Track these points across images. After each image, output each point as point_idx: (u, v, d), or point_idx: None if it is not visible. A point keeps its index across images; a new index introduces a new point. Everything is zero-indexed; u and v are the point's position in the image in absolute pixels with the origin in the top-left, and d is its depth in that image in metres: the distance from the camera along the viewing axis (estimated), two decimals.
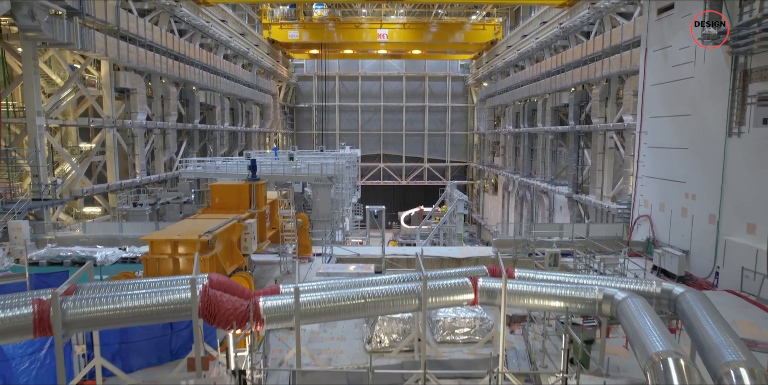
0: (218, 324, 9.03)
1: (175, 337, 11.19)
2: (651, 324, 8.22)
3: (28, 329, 8.07)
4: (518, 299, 10.23)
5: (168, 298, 8.64)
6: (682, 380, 6.72)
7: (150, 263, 12.15)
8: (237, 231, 14.37)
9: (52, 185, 28.23)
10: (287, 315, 9.23)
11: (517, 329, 13.69)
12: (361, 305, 9.56)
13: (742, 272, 16.36)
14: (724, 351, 7.31)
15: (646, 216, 22.76)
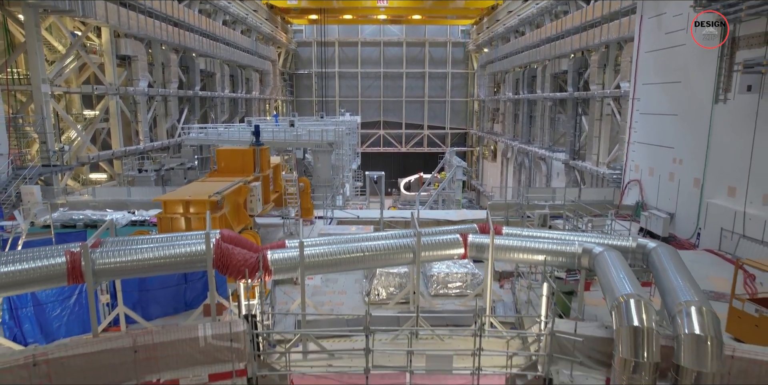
0: (230, 274, 9.96)
1: (189, 289, 12.18)
2: (621, 273, 9.11)
3: (62, 277, 8.99)
4: (505, 253, 11.12)
5: (185, 250, 9.53)
6: (640, 316, 7.66)
7: (164, 222, 13.04)
8: (243, 193, 15.21)
9: (59, 152, 28.97)
10: (293, 266, 10.15)
11: (506, 284, 14.69)
12: (359, 258, 10.47)
13: (721, 233, 17.27)
14: (680, 293, 8.23)
15: (637, 181, 23.55)
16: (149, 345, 8.48)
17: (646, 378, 7.50)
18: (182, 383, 8.52)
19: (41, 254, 9.13)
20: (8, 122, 26.76)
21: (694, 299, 7.94)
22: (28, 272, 8.75)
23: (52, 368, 7.88)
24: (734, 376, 7.96)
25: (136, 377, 8.38)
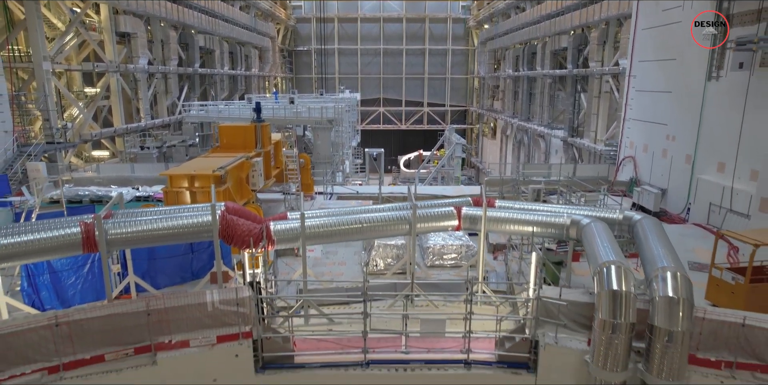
0: (235, 244, 10.49)
1: (196, 259, 12.75)
2: (605, 242, 9.64)
3: (77, 246, 9.53)
4: (497, 224, 11.66)
5: (192, 221, 10.05)
6: (619, 281, 8.20)
7: (170, 195, 13.54)
8: (245, 168, 15.68)
9: (62, 129, 29.33)
10: (294, 237, 10.68)
11: (499, 256, 15.27)
12: (358, 229, 10.99)
13: (709, 208, 17.79)
14: (658, 261, 8.77)
15: (631, 157, 23.96)
16: (161, 309, 9.05)
17: (622, 337, 8.09)
18: (192, 344, 9.12)
19: (57, 224, 9.65)
20: (11, 100, 27.04)
21: (670, 265, 8.47)
22: (45, 241, 9.29)
23: (72, 328, 8.47)
24: (705, 336, 8.55)
25: (149, 338, 8.98)
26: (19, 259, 9.39)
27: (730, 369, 8.44)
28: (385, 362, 9.62)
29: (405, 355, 9.74)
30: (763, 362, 8.27)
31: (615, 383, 8.32)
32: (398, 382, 9.54)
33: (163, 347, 8.98)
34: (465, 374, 9.51)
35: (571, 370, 9.08)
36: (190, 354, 9.01)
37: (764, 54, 15.80)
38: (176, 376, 8.91)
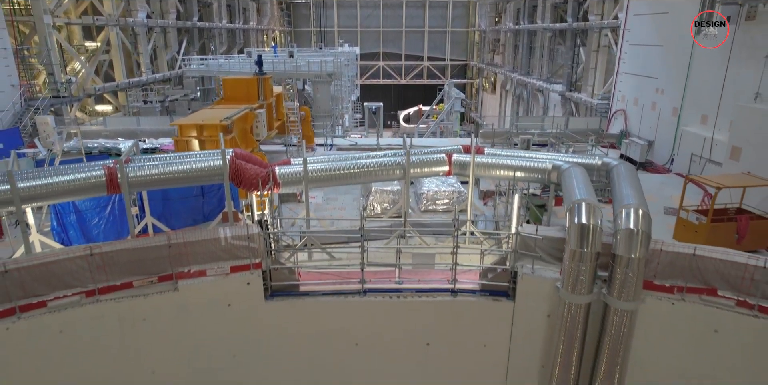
0: (244, 186, 11.49)
1: (206, 203, 13.80)
2: (581, 184, 10.63)
3: (101, 187, 10.52)
4: (485, 170, 12.62)
5: (205, 165, 11.01)
6: (588, 216, 9.23)
7: (180, 144, 14.45)
8: (249, 119, 16.49)
9: (66, 83, 29.83)
10: (298, 180, 11.67)
11: (489, 201, 16.33)
12: (356, 173, 11.97)
13: (691, 158, 18.71)
14: (625, 199, 9.78)
15: (622, 110, 24.66)
16: (180, 243, 10.13)
17: (588, 265, 9.19)
18: (209, 273, 10.26)
19: (82, 168, 10.61)
20: (15, 53, 27.44)
21: (634, 202, 9.48)
22: (73, 182, 10.28)
23: (104, 259, 9.57)
24: (663, 266, 9.66)
25: (171, 268, 10.11)
26: (51, 199, 10.39)
27: (681, 293, 9.60)
28: (381, 291, 10.80)
29: (398, 285, 10.92)
30: (709, 287, 9.41)
31: (581, 304, 9.49)
32: (392, 308, 10.76)
33: (183, 275, 10.12)
34: (451, 300, 10.71)
35: (545, 296, 10.26)
36: (207, 282, 10.17)
37: (750, 8, 16.27)
38: (196, 300, 10.10)
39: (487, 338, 10.94)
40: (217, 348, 10.60)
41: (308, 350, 11.02)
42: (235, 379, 10.91)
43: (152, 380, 10.37)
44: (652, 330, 9.82)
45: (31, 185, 9.89)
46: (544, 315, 10.37)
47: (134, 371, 10.20)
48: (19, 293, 9.10)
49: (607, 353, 9.75)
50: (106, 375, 9.96)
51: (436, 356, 11.12)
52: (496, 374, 11.21)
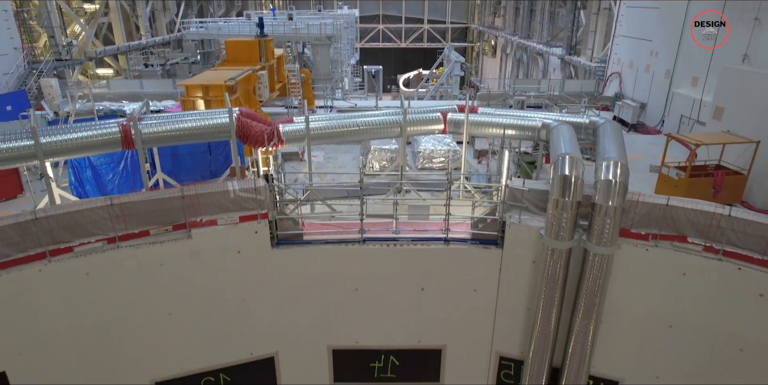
0: (249, 143, 12.18)
1: (213, 160, 14.51)
2: (567, 140, 11.31)
3: (116, 143, 11.22)
4: (478, 128, 13.28)
5: (212, 122, 11.67)
6: (570, 168, 9.95)
7: (186, 104, 15.05)
8: (252, 81, 17.02)
9: (68, 46, 30.05)
10: (300, 137, 12.35)
11: (483, 160, 17.04)
12: (356, 131, 12.63)
13: (680, 119, 19.30)
14: (606, 153, 10.49)
15: (617, 73, 25.04)
16: (193, 195, 10.88)
17: (569, 213, 9.98)
18: (219, 222, 11.07)
19: (97, 125, 11.28)
20: (16, 16, 27.58)
21: (614, 156, 10.19)
22: (90, 138, 10.97)
23: (123, 209, 10.34)
24: (639, 216, 10.45)
25: (184, 218, 10.90)
26: (69, 154, 11.11)
27: (655, 240, 10.43)
28: (378, 240, 11.64)
29: (395, 234, 11.76)
30: (680, 234, 10.23)
31: (563, 249, 10.33)
32: (389, 255, 11.62)
33: (195, 224, 10.94)
34: (444, 248, 11.57)
35: (531, 244, 11.10)
36: (218, 230, 10.99)
37: None
38: (208, 247, 10.94)
39: (477, 283, 11.84)
40: (227, 292, 11.51)
41: (311, 294, 11.95)
42: (245, 320, 11.88)
43: (169, 321, 11.33)
44: (627, 274, 10.71)
45: (52, 140, 10.59)
46: (530, 261, 11.24)
47: (153, 312, 11.13)
48: (48, 239, 9.92)
49: (586, 295, 10.65)
50: (127, 315, 10.90)
51: (430, 300, 12.06)
52: (485, 317, 12.18)
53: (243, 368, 12.37)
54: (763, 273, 9.50)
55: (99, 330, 10.69)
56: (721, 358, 10.44)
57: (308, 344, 12.54)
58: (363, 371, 13.00)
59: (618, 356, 11.61)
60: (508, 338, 12.22)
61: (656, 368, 11.36)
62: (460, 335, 12.47)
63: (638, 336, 11.25)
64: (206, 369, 12.10)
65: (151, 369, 11.69)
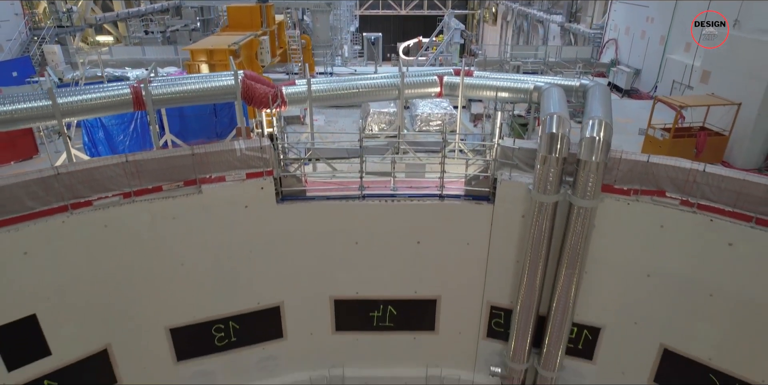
0: (254, 104, 12.76)
1: (219, 122, 15.10)
2: (556, 101, 11.89)
3: (128, 104, 11.81)
4: (473, 90, 13.82)
5: (219, 84, 12.22)
6: (558, 127, 10.57)
7: (192, 68, 15.54)
8: (254, 46, 17.43)
9: (68, 12, 30.16)
10: (303, 98, 12.92)
11: (479, 124, 17.62)
12: (355, 93, 13.19)
13: (672, 85, 19.77)
14: (593, 113, 11.09)
15: (614, 40, 25.31)
16: (202, 154, 11.52)
17: (556, 168, 10.65)
18: (228, 179, 11.76)
19: (109, 87, 11.85)
20: None
21: (599, 115, 10.80)
22: (103, 98, 11.55)
23: (137, 165, 11.01)
24: (622, 172, 11.12)
25: (194, 175, 11.59)
26: (84, 114, 11.72)
27: (636, 195, 11.14)
28: (377, 196, 12.37)
29: (393, 191, 12.47)
30: (660, 189, 10.93)
31: (549, 203, 11.05)
32: (387, 210, 12.36)
33: (205, 181, 11.63)
34: (439, 204, 12.30)
35: (520, 199, 11.82)
36: (226, 186, 11.69)
37: None
38: (217, 202, 11.67)
39: (469, 237, 12.62)
40: (236, 244, 12.29)
41: (314, 247, 12.75)
42: (252, 272, 12.71)
43: (181, 271, 12.15)
44: (610, 227, 11.47)
45: (68, 101, 11.18)
46: (519, 216, 11.98)
47: (166, 262, 11.94)
48: (69, 194, 10.61)
49: (571, 247, 11.42)
50: (143, 265, 11.71)
51: (426, 252, 12.86)
52: (477, 268, 13.02)
53: (251, 316, 13.28)
54: (732, 224, 10.24)
55: (117, 279, 11.51)
56: (693, 303, 11.30)
57: (311, 295, 13.42)
58: (363, 320, 13.93)
59: (600, 304, 12.49)
60: (499, 288, 13.09)
61: (635, 315, 12.25)
62: (453, 286, 13.33)
63: (619, 285, 12.10)
64: (216, 317, 13.01)
65: (165, 316, 12.59)
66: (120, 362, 12.42)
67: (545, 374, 13.04)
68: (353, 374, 14.56)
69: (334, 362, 14.47)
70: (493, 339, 13.90)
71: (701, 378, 11.76)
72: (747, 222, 10.13)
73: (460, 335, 14.03)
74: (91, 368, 12.02)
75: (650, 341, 12.31)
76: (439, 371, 14.52)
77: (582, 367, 13.43)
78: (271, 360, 14.12)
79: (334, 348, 14.26)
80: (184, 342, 13.01)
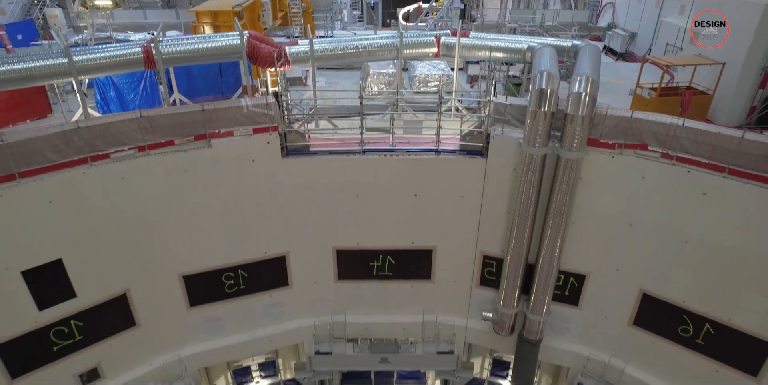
0: (259, 63, 13.31)
1: (224, 82, 15.65)
2: (547, 59, 12.46)
3: (139, 63, 12.39)
4: (469, 51, 14.35)
5: (224, 44, 12.76)
6: (547, 83, 11.19)
7: (196, 29, 15.99)
8: (257, 8, 17.82)
9: None
10: (306, 58, 13.47)
11: (476, 85, 18.17)
12: (356, 53, 13.73)
13: (666, 47, 20.18)
14: (581, 70, 11.69)
15: (611, 3, 25.51)
16: (211, 110, 12.17)
17: (544, 122, 11.33)
18: (236, 134, 12.44)
19: (121, 47, 12.39)
20: None
21: (586, 72, 11.41)
22: (116, 57, 12.12)
23: (151, 121, 11.67)
24: (608, 127, 11.79)
25: (204, 130, 12.27)
26: (98, 72, 12.30)
27: (620, 149, 11.86)
28: (377, 151, 13.08)
29: (391, 146, 13.17)
30: (643, 143, 11.63)
31: (538, 155, 11.77)
32: (386, 165, 13.08)
33: (215, 135, 12.31)
34: (435, 158, 13.03)
35: (511, 153, 12.54)
36: (234, 141, 12.39)
37: None
38: (226, 156, 12.39)
39: (464, 190, 13.40)
40: (244, 197, 13.07)
41: (318, 200, 13.54)
42: (259, 223, 13.54)
43: (193, 221, 12.97)
44: (595, 179, 12.23)
45: (84, 58, 11.75)
46: (510, 169, 12.73)
47: (179, 212, 12.75)
48: (87, 147, 11.31)
49: (558, 198, 12.19)
50: (158, 215, 12.52)
51: (422, 205, 13.67)
52: (470, 220, 13.85)
53: (258, 265, 14.19)
54: (707, 175, 11.00)
55: (134, 228, 12.34)
56: (670, 250, 12.16)
57: (315, 245, 14.30)
58: (363, 269, 14.86)
59: (585, 253, 13.37)
60: (491, 238, 13.95)
61: (617, 262, 13.15)
62: (448, 236, 14.20)
63: (603, 235, 12.94)
64: (226, 265, 13.92)
65: (178, 264, 13.49)
66: (138, 306, 13.40)
67: (533, 318, 14.03)
68: (354, 320, 15.60)
69: (336, 309, 15.48)
70: (486, 287, 14.86)
71: (675, 319, 12.75)
72: (720, 173, 10.88)
73: (454, 283, 14.99)
74: (112, 311, 12.99)
75: (631, 287, 13.24)
76: (434, 317, 15.55)
77: (568, 312, 14.43)
78: (278, 307, 15.12)
79: (337, 296, 15.24)
80: (196, 289, 13.96)
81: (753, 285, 11.37)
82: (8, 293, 11.18)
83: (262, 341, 15.30)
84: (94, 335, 12.95)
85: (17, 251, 10.97)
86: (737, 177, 10.72)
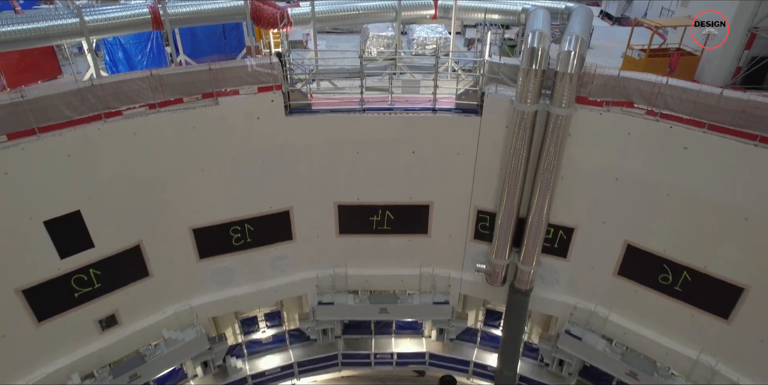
0: (262, 24, 13.77)
1: (228, 44, 16.10)
2: (540, 20, 12.94)
3: (147, 23, 12.85)
4: (467, 13, 14.81)
5: (229, 5, 13.19)
6: (539, 42, 11.70)
7: None
8: None
9: None
10: (307, 19, 13.92)
11: (473, 48, 18.58)
12: (356, 14, 14.18)
13: (660, 11, 20.51)
14: (571, 30, 12.19)
15: None
16: (218, 69, 12.69)
17: (535, 80, 11.90)
18: (241, 92, 13.01)
19: (129, 7, 12.83)
20: None
21: (576, 32, 11.90)
22: (124, 18, 12.58)
23: (161, 80, 12.22)
24: (596, 86, 12.34)
25: (211, 88, 12.82)
26: (107, 32, 12.77)
27: (608, 106, 12.46)
28: (376, 109, 13.68)
29: (390, 105, 13.76)
30: (629, 101, 12.23)
31: (530, 112, 12.39)
32: (385, 122, 13.71)
33: (221, 93, 12.88)
34: (432, 116, 13.64)
35: (504, 112, 13.15)
36: (240, 99, 12.97)
37: None
38: (232, 112, 12.99)
39: (459, 147, 14.06)
40: (249, 153, 13.73)
41: (320, 156, 14.21)
42: (265, 178, 14.24)
43: (202, 176, 13.66)
44: (583, 135, 12.87)
45: (94, 18, 12.22)
46: (503, 126, 13.36)
47: (188, 168, 13.41)
48: (101, 105, 11.89)
49: (548, 153, 12.84)
50: (168, 170, 13.19)
51: (420, 161, 14.35)
52: (465, 176, 14.55)
53: (263, 219, 14.97)
54: (688, 130, 11.64)
55: (146, 182, 13.04)
56: (652, 203, 12.91)
57: (318, 200, 15.05)
58: (363, 224, 15.66)
59: (573, 207, 14.12)
60: (485, 194, 14.69)
61: (603, 215, 13.91)
62: (445, 192, 14.94)
63: (590, 189, 13.66)
64: (233, 219, 14.69)
65: (188, 218, 14.24)
66: (151, 257, 14.22)
67: (524, 269, 14.89)
68: (355, 272, 16.49)
69: (338, 262, 16.34)
70: (480, 241, 15.68)
71: (656, 268, 13.61)
72: (700, 128, 11.52)
73: (450, 238, 15.81)
74: (127, 261, 13.81)
75: (616, 239, 14.05)
76: (431, 269, 16.44)
77: (557, 264, 15.29)
78: (282, 260, 15.98)
79: (338, 249, 16.09)
80: (205, 242, 14.77)
81: (728, 234, 12.16)
82: (32, 241, 11.95)
83: (267, 292, 16.21)
84: (111, 283, 13.80)
85: (39, 202, 11.68)
86: (716, 132, 11.37)
